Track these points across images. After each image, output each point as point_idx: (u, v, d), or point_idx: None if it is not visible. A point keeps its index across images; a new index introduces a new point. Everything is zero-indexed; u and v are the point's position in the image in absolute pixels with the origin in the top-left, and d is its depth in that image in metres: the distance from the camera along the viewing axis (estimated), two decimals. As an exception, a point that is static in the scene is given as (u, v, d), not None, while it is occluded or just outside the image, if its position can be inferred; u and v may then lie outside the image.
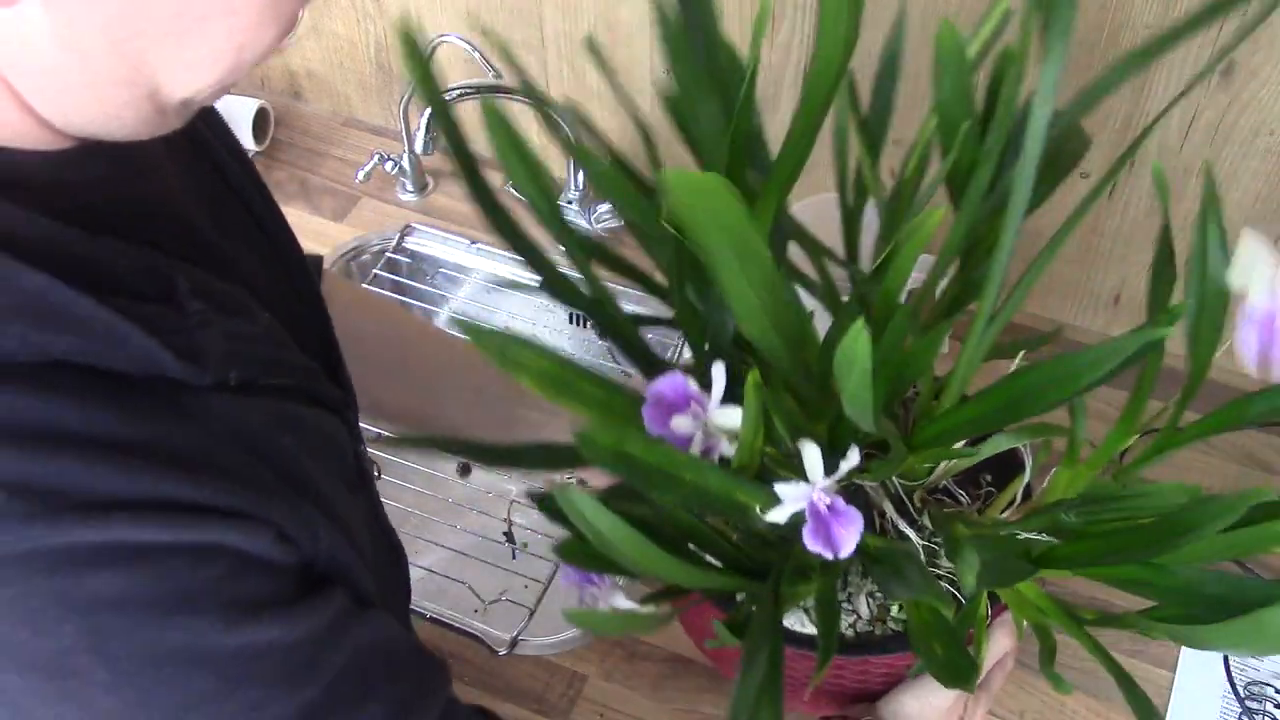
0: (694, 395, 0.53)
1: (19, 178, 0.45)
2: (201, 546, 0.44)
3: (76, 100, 0.43)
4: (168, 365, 0.44)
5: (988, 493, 0.74)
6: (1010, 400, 0.53)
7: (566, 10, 1.13)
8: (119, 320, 0.43)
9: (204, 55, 0.43)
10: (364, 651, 0.51)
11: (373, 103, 1.36)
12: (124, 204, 0.50)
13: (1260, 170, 0.96)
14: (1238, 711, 0.87)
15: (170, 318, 0.46)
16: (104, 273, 0.45)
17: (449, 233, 1.25)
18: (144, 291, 0.46)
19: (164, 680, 0.43)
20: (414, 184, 1.29)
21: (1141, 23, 0.90)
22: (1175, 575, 0.57)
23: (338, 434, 0.57)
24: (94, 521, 0.41)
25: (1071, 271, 1.10)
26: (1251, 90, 0.91)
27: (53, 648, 0.41)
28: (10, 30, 0.40)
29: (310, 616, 0.48)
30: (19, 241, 0.42)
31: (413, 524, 1.06)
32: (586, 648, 0.93)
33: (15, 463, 0.40)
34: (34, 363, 0.41)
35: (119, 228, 0.47)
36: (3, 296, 0.40)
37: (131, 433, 0.43)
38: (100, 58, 0.41)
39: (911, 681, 0.69)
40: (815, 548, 0.51)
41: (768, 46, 1.06)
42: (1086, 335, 1.14)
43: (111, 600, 0.42)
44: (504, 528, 1.09)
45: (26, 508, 0.40)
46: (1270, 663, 0.90)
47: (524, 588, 0.99)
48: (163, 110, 0.45)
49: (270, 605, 0.46)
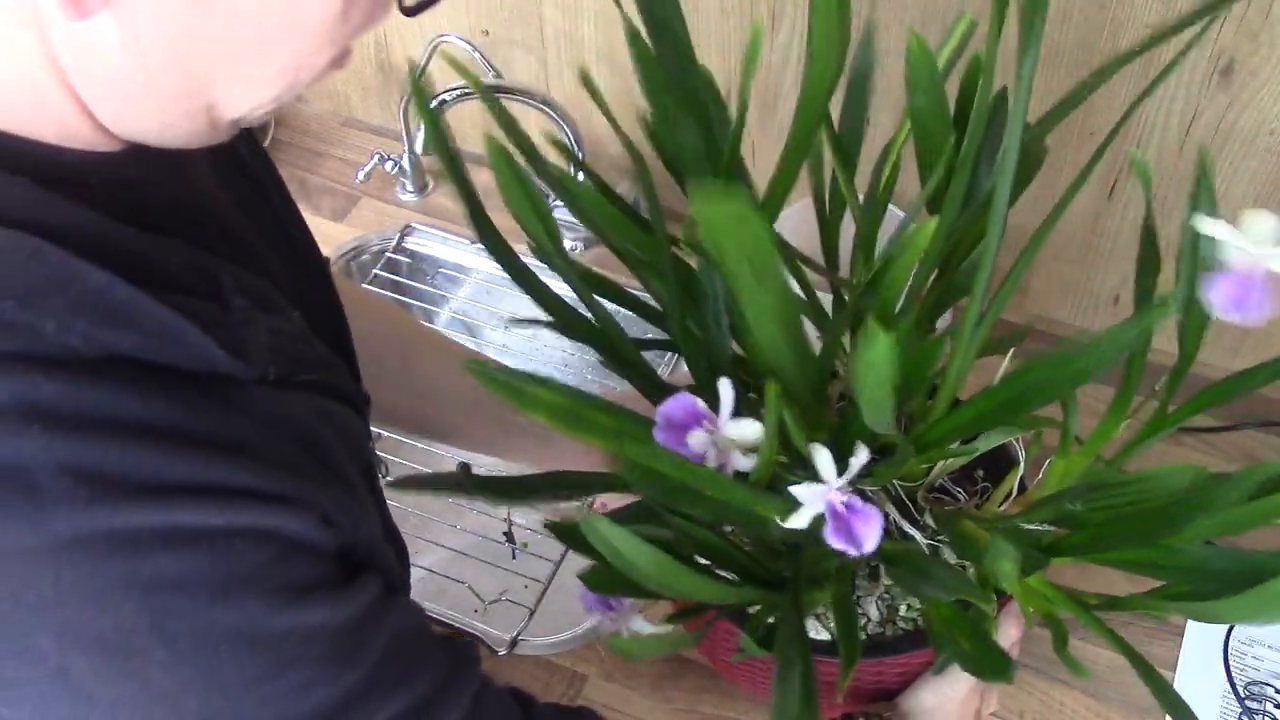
0: (703, 413, 0.54)
1: (77, 176, 0.46)
2: (254, 530, 0.45)
3: (137, 109, 0.45)
4: (219, 361, 0.46)
5: (983, 488, 0.75)
6: (1014, 396, 0.54)
7: (566, 10, 1.13)
8: (175, 317, 0.44)
9: (264, 75, 0.45)
10: (402, 634, 0.52)
11: (373, 103, 1.36)
12: (170, 203, 0.51)
13: (1260, 170, 0.96)
14: (1238, 711, 0.87)
15: (218, 314, 0.48)
16: (157, 270, 0.46)
17: (449, 233, 1.25)
18: (194, 288, 0.48)
19: (220, 660, 0.45)
20: (414, 184, 1.29)
21: (1141, 22, 0.90)
22: (1183, 554, 0.58)
23: (359, 430, 0.58)
24: (154, 505, 0.42)
25: (1071, 271, 1.10)
26: (1251, 90, 0.91)
27: (115, 626, 0.42)
28: (81, 40, 0.42)
29: (355, 599, 0.50)
30: (81, 239, 0.43)
31: (413, 524, 1.06)
32: (586, 648, 0.93)
33: (79, 449, 0.41)
34: (96, 357, 0.42)
35: (166, 226, 0.49)
36: (69, 294, 0.42)
37: (188, 422, 0.44)
38: (164, 71, 0.43)
39: (928, 676, 0.70)
40: (839, 545, 0.52)
41: (768, 47, 1.06)
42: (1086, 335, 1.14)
43: (171, 581, 0.43)
44: (504, 528, 1.09)
45: (90, 492, 0.41)
46: (1270, 663, 0.90)
47: (524, 588, 0.99)
48: (215, 124, 0.47)
49: (318, 588, 0.48)
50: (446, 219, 1.27)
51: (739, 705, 0.89)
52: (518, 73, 1.21)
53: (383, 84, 1.33)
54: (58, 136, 0.46)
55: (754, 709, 0.88)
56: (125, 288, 0.43)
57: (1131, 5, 0.90)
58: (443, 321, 1.29)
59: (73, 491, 0.41)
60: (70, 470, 0.41)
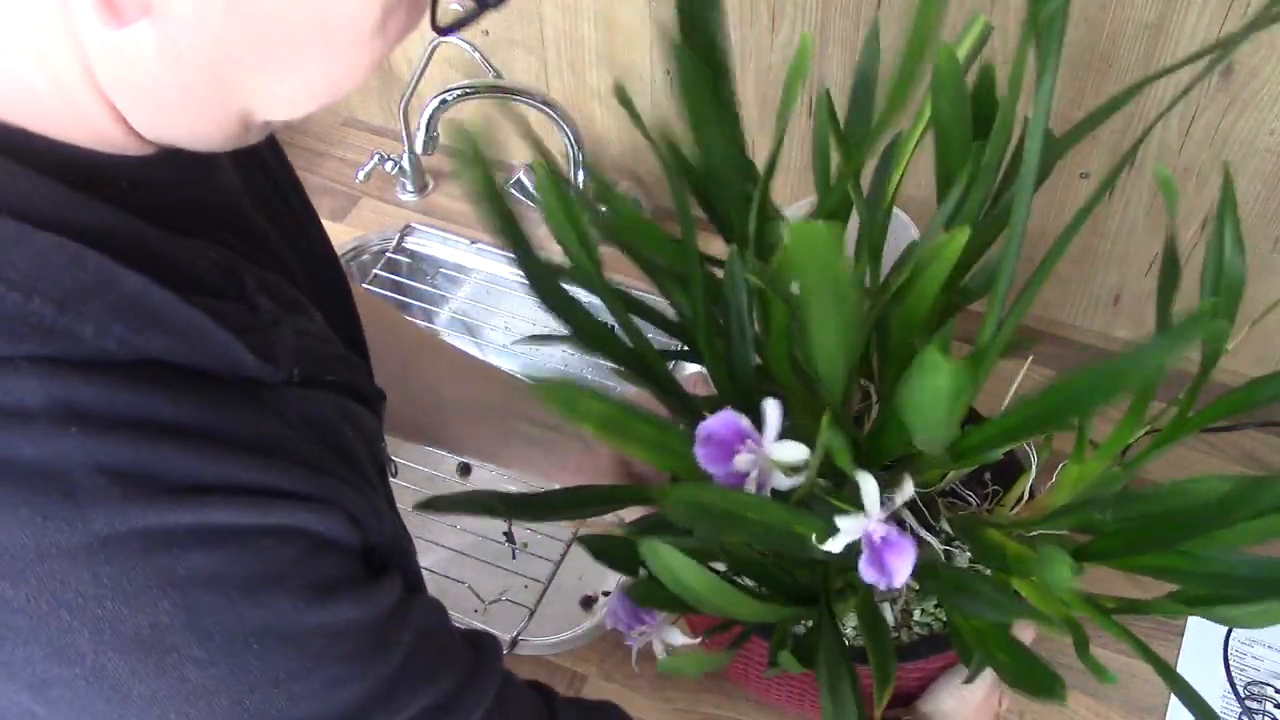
0: (747, 432, 0.55)
1: (108, 179, 0.47)
2: (283, 528, 0.46)
3: (169, 117, 0.46)
4: (248, 364, 0.46)
5: (993, 491, 0.75)
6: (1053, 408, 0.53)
7: (566, 10, 1.13)
8: (206, 320, 0.45)
9: (298, 87, 0.45)
10: (426, 631, 0.53)
11: (373, 103, 1.36)
12: (198, 205, 0.52)
13: (1260, 170, 0.96)
14: (1238, 711, 0.87)
15: (246, 316, 0.48)
16: (186, 272, 0.47)
17: (449, 233, 1.25)
18: (221, 290, 0.48)
19: (253, 657, 0.45)
20: (414, 184, 1.29)
21: (1142, 22, 0.90)
22: (1205, 560, 0.57)
23: (374, 429, 0.59)
24: (187, 504, 0.43)
25: (1071, 271, 1.10)
26: (1251, 90, 0.91)
27: (150, 624, 0.43)
28: (118, 48, 0.42)
29: (381, 597, 0.50)
30: (114, 242, 0.44)
31: (413, 524, 1.05)
32: (586, 647, 0.93)
33: (114, 450, 0.41)
34: (129, 360, 0.43)
35: (194, 228, 0.49)
36: (106, 298, 0.42)
37: (219, 423, 0.45)
38: (199, 80, 0.44)
39: (946, 679, 0.71)
40: (871, 578, 0.53)
41: (767, 46, 1.06)
42: (1086, 335, 1.14)
43: (205, 579, 0.44)
44: (504, 528, 1.09)
45: (125, 491, 0.41)
46: (1270, 663, 0.90)
47: (524, 588, 0.99)
48: (248, 129, 0.48)
49: (344, 586, 0.48)
50: (446, 219, 1.27)
51: (739, 705, 0.89)
52: (518, 73, 1.21)
53: (383, 84, 1.32)
54: (89, 139, 0.46)
55: (754, 709, 0.88)
56: (159, 292, 0.43)
57: (1132, 5, 0.90)
58: (443, 321, 1.29)
59: (108, 491, 0.41)
60: (106, 471, 0.41)
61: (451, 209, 1.28)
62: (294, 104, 0.47)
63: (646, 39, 1.12)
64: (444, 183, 1.31)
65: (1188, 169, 0.98)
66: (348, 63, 0.45)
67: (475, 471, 1.16)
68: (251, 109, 0.46)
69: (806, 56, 0.58)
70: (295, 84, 0.45)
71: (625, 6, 1.10)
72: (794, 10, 1.03)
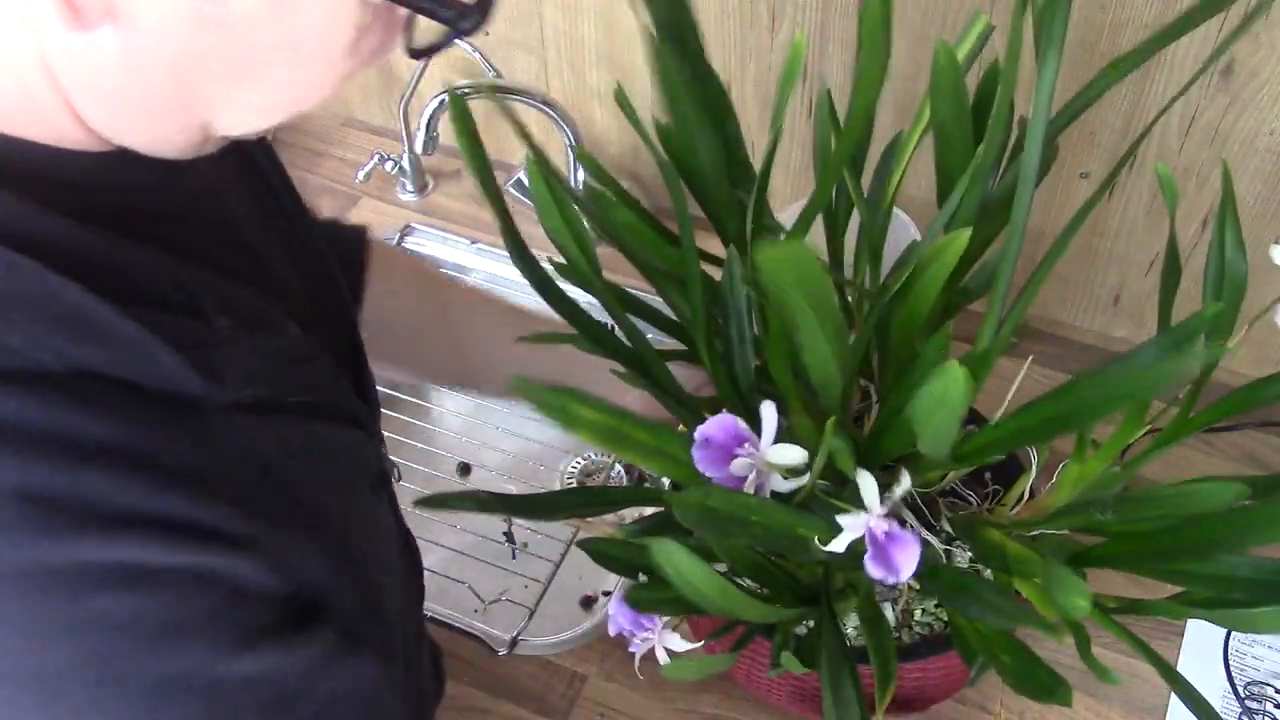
0: (744, 435, 0.55)
1: (62, 178, 0.45)
2: (202, 572, 0.43)
3: (131, 121, 0.45)
4: (190, 381, 0.44)
5: (993, 490, 0.75)
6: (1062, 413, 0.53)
7: (566, 10, 1.13)
8: (147, 335, 0.43)
9: (263, 100, 0.45)
10: (346, 694, 0.50)
11: (373, 103, 1.36)
12: (160, 210, 0.50)
13: (1260, 170, 0.96)
14: (1238, 711, 0.87)
15: (196, 332, 0.46)
16: (134, 283, 0.45)
17: (449, 233, 1.25)
18: (173, 303, 0.46)
19: (155, 706, 0.43)
20: (414, 184, 1.29)
21: (1141, 22, 0.90)
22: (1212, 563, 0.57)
23: (362, 447, 0.57)
24: (102, 538, 0.41)
25: (1071, 271, 1.10)
26: (1251, 90, 0.91)
27: (47, 668, 0.41)
28: (81, 53, 0.41)
29: (303, 648, 0.48)
30: (57, 252, 0.42)
31: (413, 524, 1.06)
32: (586, 648, 0.93)
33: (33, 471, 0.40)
34: (63, 372, 0.41)
35: (155, 234, 0.48)
36: (41, 309, 0.41)
37: (146, 446, 0.43)
38: (162, 88, 0.43)
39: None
40: (877, 574, 0.53)
41: (767, 46, 1.06)
42: (1086, 335, 1.14)
43: (114, 624, 0.42)
44: (504, 528, 1.09)
45: (39, 521, 0.40)
46: (1270, 663, 0.90)
47: (524, 588, 0.99)
48: (209, 138, 0.47)
49: (264, 635, 0.46)
50: (446, 219, 1.27)
51: (739, 705, 0.89)
52: (518, 73, 1.21)
53: (383, 84, 1.32)
54: (47, 137, 0.45)
55: (755, 709, 0.88)
56: (97, 304, 0.42)
57: (1132, 5, 0.90)
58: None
59: (22, 519, 0.39)
60: (23, 495, 0.39)
61: (451, 209, 1.28)
62: (258, 117, 0.46)
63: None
64: (444, 183, 1.31)
65: (1188, 169, 0.98)
66: (315, 79, 0.44)
67: (476, 472, 1.16)
68: (214, 119, 0.45)
69: (798, 63, 0.58)
70: (260, 97, 0.44)
71: (625, 6, 1.10)
72: (794, 10, 1.03)
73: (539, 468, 1.14)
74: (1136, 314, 1.11)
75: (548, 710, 0.89)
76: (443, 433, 1.19)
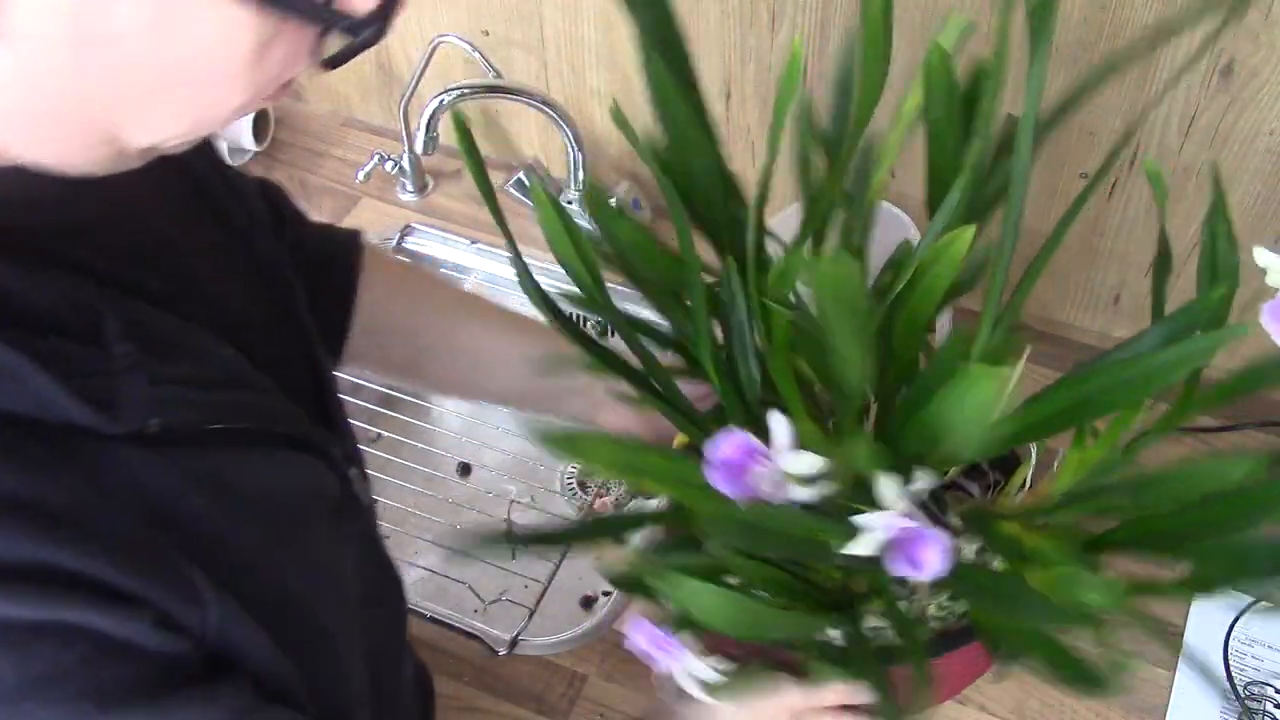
0: (757, 448, 0.55)
1: None
2: (67, 627, 0.41)
3: (30, 135, 0.43)
4: (73, 412, 0.42)
5: (995, 480, 0.75)
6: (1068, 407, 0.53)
7: (566, 10, 1.13)
8: (24, 362, 0.41)
9: (168, 114, 0.43)
10: None
11: (373, 103, 1.36)
12: (66, 226, 0.48)
13: (1260, 170, 0.96)
14: (1238, 711, 0.87)
15: (89, 359, 0.44)
16: (21, 307, 0.43)
17: (449, 233, 1.25)
18: (66, 328, 0.44)
19: None
20: (414, 184, 1.29)
21: (1141, 22, 0.90)
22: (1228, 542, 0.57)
23: (318, 475, 0.56)
24: None
25: (1072, 271, 1.10)
26: (1251, 90, 0.91)
27: None
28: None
29: (200, 706, 0.45)
30: None
31: (413, 524, 1.06)
32: (586, 648, 0.93)
33: None
34: None
35: (56, 253, 0.46)
36: None
37: (17, 487, 0.40)
38: (59, 102, 0.41)
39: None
40: (902, 571, 0.53)
41: (767, 47, 1.06)
42: (1086, 335, 1.14)
43: None
44: (504, 528, 1.09)
45: None
46: (1270, 663, 0.90)
47: (524, 588, 0.99)
48: (122, 154, 0.45)
49: (136, 696, 0.43)
50: (446, 219, 1.27)
51: (739, 705, 0.89)
52: (518, 73, 1.21)
53: (383, 84, 1.32)
54: None
55: (754, 709, 0.88)
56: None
57: (1131, 6, 0.90)
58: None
59: None
60: None
61: (451, 209, 1.28)
62: (168, 131, 0.44)
63: (646, 39, 1.11)
64: (444, 183, 1.31)
65: (1188, 169, 0.98)
66: (222, 95, 0.43)
67: (476, 472, 1.16)
68: (120, 134, 0.43)
69: (796, 71, 0.58)
70: (165, 113, 0.43)
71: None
72: (794, 10, 1.03)
73: (539, 467, 1.14)
74: (1136, 314, 1.11)
75: (548, 710, 0.90)
76: (443, 433, 1.19)
